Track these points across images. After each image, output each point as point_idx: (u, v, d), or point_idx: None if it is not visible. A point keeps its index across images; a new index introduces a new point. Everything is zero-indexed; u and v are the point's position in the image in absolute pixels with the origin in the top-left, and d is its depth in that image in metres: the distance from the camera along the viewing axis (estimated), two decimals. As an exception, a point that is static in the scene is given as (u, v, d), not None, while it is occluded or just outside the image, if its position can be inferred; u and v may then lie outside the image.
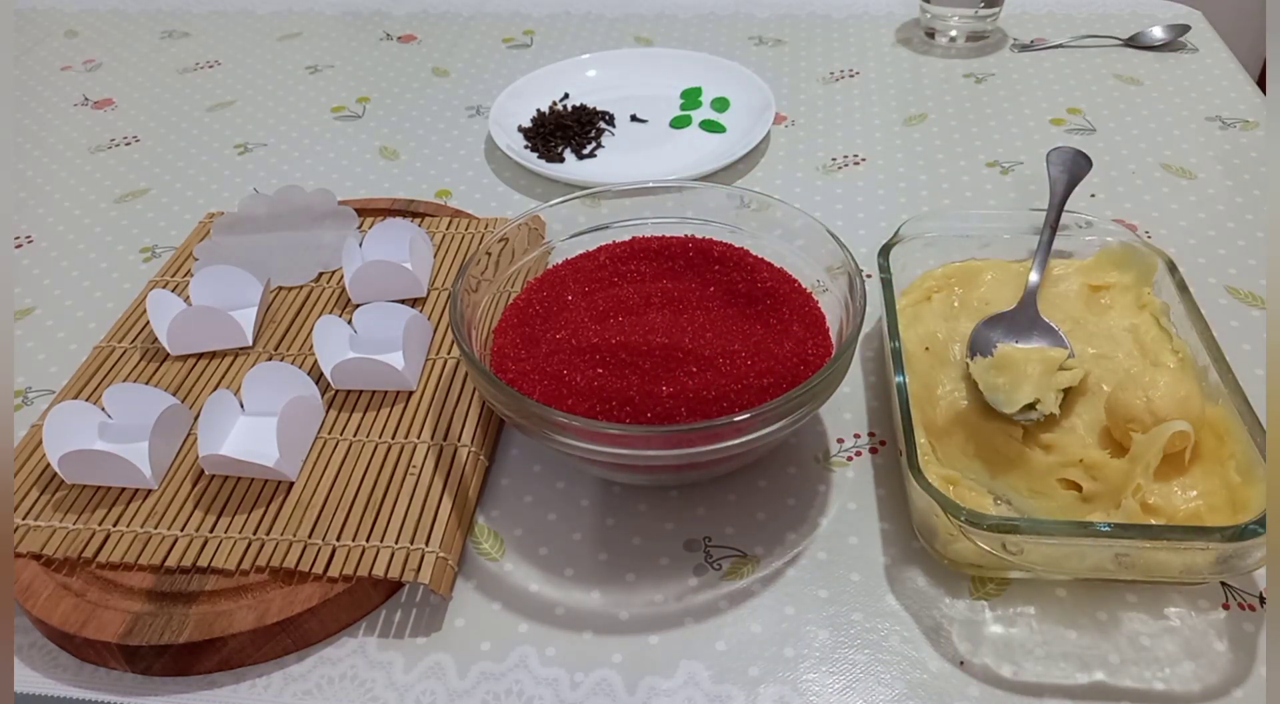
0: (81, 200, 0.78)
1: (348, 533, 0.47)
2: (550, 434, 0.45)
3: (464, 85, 0.92)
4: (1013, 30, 0.96)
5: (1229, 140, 0.77)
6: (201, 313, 0.57)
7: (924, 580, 0.47)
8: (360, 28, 1.04)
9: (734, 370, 0.47)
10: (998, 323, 0.53)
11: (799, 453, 0.53)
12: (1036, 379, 0.49)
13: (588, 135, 0.81)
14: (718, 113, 0.84)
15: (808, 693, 0.43)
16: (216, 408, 0.52)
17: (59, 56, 1.02)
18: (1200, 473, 0.46)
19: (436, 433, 0.53)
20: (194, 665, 0.44)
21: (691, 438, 0.43)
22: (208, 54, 1.01)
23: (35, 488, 0.51)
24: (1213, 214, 0.69)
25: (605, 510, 0.51)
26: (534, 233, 0.57)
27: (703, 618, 0.46)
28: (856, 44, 0.95)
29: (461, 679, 0.44)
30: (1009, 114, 0.82)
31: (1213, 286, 0.63)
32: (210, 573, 0.46)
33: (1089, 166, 0.63)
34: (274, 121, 0.88)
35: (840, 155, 0.78)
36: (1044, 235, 0.57)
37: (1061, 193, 0.59)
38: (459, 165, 0.80)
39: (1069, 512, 0.47)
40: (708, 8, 1.04)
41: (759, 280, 0.54)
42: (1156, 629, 0.44)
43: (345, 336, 0.58)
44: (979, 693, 0.42)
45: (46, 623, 0.45)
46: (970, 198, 0.73)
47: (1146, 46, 0.91)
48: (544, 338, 0.52)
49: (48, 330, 0.65)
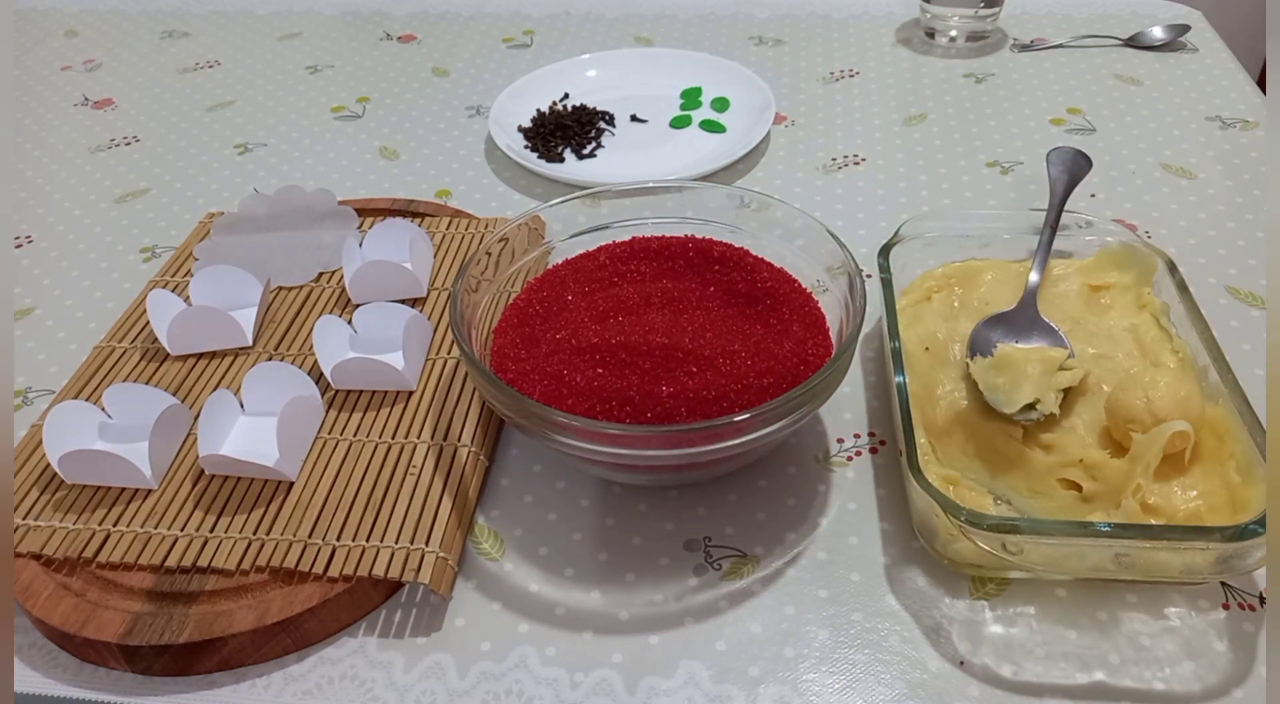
0: (81, 200, 0.78)
1: (348, 533, 0.47)
2: (550, 434, 0.45)
3: (464, 85, 0.92)
4: (1013, 30, 0.96)
5: (1229, 140, 0.77)
6: (201, 313, 0.57)
7: (924, 580, 0.47)
8: (360, 28, 1.04)
9: (734, 370, 0.47)
10: (998, 323, 0.53)
11: (799, 453, 0.53)
12: (1036, 379, 0.49)
13: (588, 135, 0.81)
14: (718, 113, 0.84)
15: (808, 693, 0.43)
16: (216, 408, 0.52)
17: (59, 56, 1.02)
18: (1200, 473, 0.46)
19: (436, 433, 0.53)
20: (194, 665, 0.44)
21: (691, 438, 0.43)
22: (208, 54, 1.01)
23: (35, 488, 0.51)
24: (1213, 214, 0.69)
25: (605, 510, 0.51)
26: (534, 233, 0.57)
27: (703, 618, 0.46)
28: (856, 44, 0.95)
29: (461, 679, 0.44)
30: (1009, 114, 0.82)
31: (1213, 286, 0.63)
32: (210, 573, 0.46)
33: (1089, 166, 0.63)
34: (274, 121, 0.88)
35: (840, 155, 0.78)
36: (1044, 235, 0.57)
37: (1061, 193, 0.59)
38: (459, 165, 0.80)
39: (1069, 512, 0.47)
40: (708, 8, 1.04)
41: (759, 280, 0.54)
42: (1156, 629, 0.44)
43: (345, 337, 0.58)
44: (979, 693, 0.42)
45: (46, 623, 0.45)
46: (970, 198, 0.73)
47: (1146, 46, 0.91)
48: (544, 338, 0.52)
49: (48, 330, 0.65)
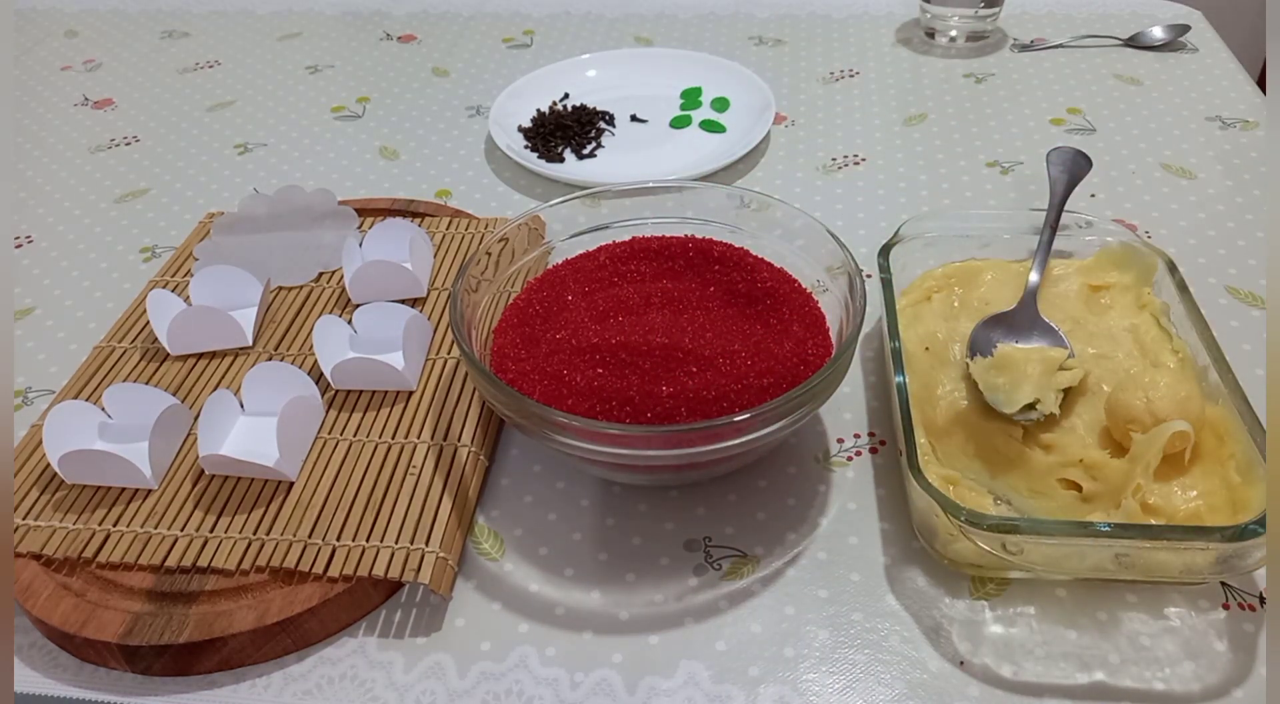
0: (81, 200, 0.78)
1: (348, 533, 0.47)
2: (550, 434, 0.45)
3: (464, 85, 0.92)
4: (1013, 30, 0.96)
5: (1229, 140, 0.77)
6: (201, 313, 0.57)
7: (924, 580, 0.47)
8: (360, 28, 1.04)
9: (734, 370, 0.47)
10: (998, 323, 0.53)
11: (799, 453, 0.53)
12: (1036, 379, 0.49)
13: (588, 135, 0.81)
14: (718, 113, 0.84)
15: (808, 693, 0.43)
16: (216, 408, 0.52)
17: (59, 56, 1.02)
18: (1200, 473, 0.46)
19: (436, 433, 0.53)
20: (194, 665, 0.44)
21: (691, 438, 0.43)
22: (208, 54, 1.01)
23: (35, 488, 0.51)
24: (1213, 214, 0.69)
25: (605, 510, 0.51)
26: (534, 233, 0.57)
27: (703, 618, 0.46)
28: (856, 44, 0.95)
29: (461, 679, 0.44)
30: (1009, 114, 0.82)
31: (1213, 286, 0.63)
32: (210, 573, 0.46)
33: (1089, 166, 0.63)
34: (274, 121, 0.88)
35: (840, 155, 0.78)
36: (1044, 235, 0.57)
37: (1061, 193, 0.59)
38: (459, 165, 0.80)
39: (1069, 512, 0.47)
40: (708, 8, 1.04)
41: (759, 280, 0.54)
42: (1156, 629, 0.44)
43: (345, 337, 0.58)
44: (979, 693, 0.42)
45: (46, 623, 0.45)
46: (970, 198, 0.73)
47: (1146, 46, 0.91)
48: (544, 338, 0.52)
49: (48, 330, 0.65)
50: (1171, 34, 0.91)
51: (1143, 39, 0.91)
